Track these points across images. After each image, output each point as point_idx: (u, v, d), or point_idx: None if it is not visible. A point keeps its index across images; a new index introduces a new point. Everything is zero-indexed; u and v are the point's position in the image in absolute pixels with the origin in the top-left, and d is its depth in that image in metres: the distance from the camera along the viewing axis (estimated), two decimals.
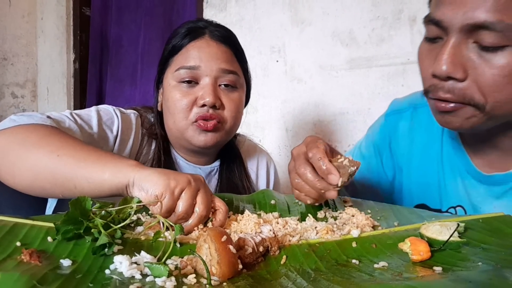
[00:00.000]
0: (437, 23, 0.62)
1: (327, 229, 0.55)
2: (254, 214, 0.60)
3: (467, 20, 0.58)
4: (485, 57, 0.59)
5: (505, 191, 0.72)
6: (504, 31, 0.57)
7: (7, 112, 2.61)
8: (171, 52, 0.88)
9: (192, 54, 0.85)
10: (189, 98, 0.84)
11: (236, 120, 0.89)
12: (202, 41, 0.86)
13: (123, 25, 2.41)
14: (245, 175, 0.99)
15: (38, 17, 2.61)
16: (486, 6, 0.57)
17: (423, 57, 0.66)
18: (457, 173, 0.77)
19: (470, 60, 0.60)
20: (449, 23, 0.60)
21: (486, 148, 0.73)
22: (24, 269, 0.39)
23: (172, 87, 0.86)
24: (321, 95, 1.72)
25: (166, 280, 0.41)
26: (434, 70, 0.61)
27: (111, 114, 0.86)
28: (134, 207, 0.52)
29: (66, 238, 0.48)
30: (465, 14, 0.58)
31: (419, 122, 0.84)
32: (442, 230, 0.51)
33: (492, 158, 0.73)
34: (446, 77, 0.61)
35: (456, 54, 0.60)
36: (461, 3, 0.59)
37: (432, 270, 0.45)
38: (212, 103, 0.82)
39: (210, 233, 0.44)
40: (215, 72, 0.84)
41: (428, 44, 0.65)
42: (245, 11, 1.90)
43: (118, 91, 2.43)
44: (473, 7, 0.58)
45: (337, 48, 1.67)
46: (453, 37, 0.60)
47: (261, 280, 0.43)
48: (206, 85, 0.84)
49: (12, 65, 2.60)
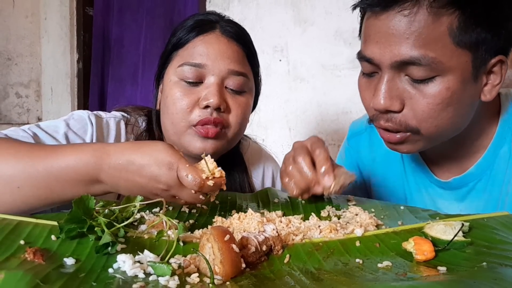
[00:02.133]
0: (368, 60, 0.67)
1: (331, 228, 0.54)
2: (257, 213, 0.60)
3: (395, 57, 0.63)
4: (418, 87, 0.64)
5: (466, 192, 0.76)
6: (429, 64, 0.62)
7: (11, 112, 2.62)
8: (175, 45, 0.79)
9: (199, 50, 0.76)
10: (191, 97, 0.75)
11: (241, 126, 0.80)
12: (212, 36, 0.77)
13: (124, 25, 2.41)
14: (249, 186, 0.90)
15: (42, 17, 2.62)
16: (409, 43, 0.62)
17: (363, 90, 0.72)
18: (421, 184, 0.82)
19: (406, 91, 0.65)
20: (379, 61, 0.66)
21: (441, 158, 0.78)
22: (27, 267, 0.40)
23: (173, 84, 0.77)
24: (323, 94, 1.72)
25: (169, 279, 0.41)
26: (373, 105, 0.67)
27: (85, 121, 0.77)
28: (137, 205, 0.52)
29: (70, 236, 0.48)
30: (392, 52, 0.63)
31: (377, 142, 0.86)
32: (447, 230, 0.50)
33: (449, 166, 0.78)
34: (385, 111, 0.67)
35: (391, 88, 0.65)
36: (386, 42, 0.64)
37: (436, 270, 0.44)
38: (217, 105, 0.74)
39: (213, 232, 0.44)
40: (223, 72, 0.76)
41: (366, 78, 0.71)
42: (247, 10, 1.90)
43: (120, 91, 2.44)
44: (397, 45, 0.63)
45: (340, 47, 1.67)
46: (386, 73, 0.66)
47: (264, 279, 0.43)
48: (211, 84, 0.75)
49: (16, 65, 2.61)
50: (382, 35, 0.64)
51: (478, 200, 0.75)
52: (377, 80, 0.67)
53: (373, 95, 0.67)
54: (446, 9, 0.61)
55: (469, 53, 0.63)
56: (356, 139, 0.94)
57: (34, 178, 0.56)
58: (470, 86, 0.65)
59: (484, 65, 0.65)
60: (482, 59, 0.64)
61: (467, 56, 0.63)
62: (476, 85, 0.66)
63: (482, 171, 0.75)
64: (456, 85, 0.63)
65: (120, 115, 0.85)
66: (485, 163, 0.74)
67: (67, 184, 0.57)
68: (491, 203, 0.74)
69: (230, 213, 0.64)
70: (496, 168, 0.73)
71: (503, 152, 0.73)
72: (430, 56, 0.61)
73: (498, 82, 0.67)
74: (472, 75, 0.64)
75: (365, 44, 0.68)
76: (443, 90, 0.63)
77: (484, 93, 0.67)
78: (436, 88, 0.63)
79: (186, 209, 0.64)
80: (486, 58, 0.64)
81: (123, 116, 0.85)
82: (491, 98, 0.67)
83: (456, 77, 0.63)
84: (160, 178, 0.55)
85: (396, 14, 0.62)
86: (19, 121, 2.63)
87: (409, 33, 0.62)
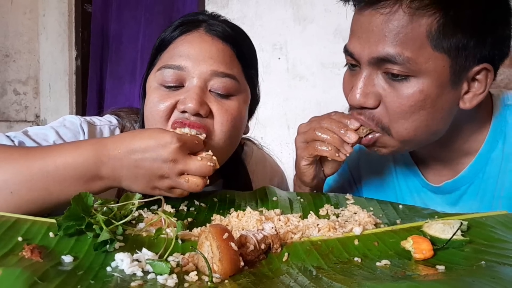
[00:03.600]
0: (350, 54, 0.69)
1: (329, 227, 0.54)
2: (256, 211, 0.59)
3: (372, 53, 0.64)
4: (393, 85, 0.65)
5: (458, 197, 0.76)
6: (405, 63, 0.62)
7: (10, 109, 2.61)
8: (158, 48, 0.73)
9: (180, 51, 0.69)
10: (168, 101, 0.67)
11: (229, 136, 0.69)
12: (194, 35, 0.70)
13: (123, 22, 2.41)
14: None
15: (40, 14, 2.61)
16: (387, 41, 0.63)
17: (345, 82, 0.73)
18: (413, 188, 0.82)
19: (381, 88, 0.66)
20: (358, 56, 0.67)
21: (432, 162, 0.78)
22: (25, 265, 0.39)
23: (153, 90, 0.70)
24: (323, 92, 1.72)
25: (168, 278, 0.40)
26: (349, 101, 0.69)
27: (76, 129, 0.73)
28: (136, 203, 0.52)
29: (68, 234, 0.48)
30: (370, 48, 0.64)
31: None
32: (445, 229, 0.51)
33: (440, 169, 0.77)
34: (360, 107, 0.67)
35: (368, 84, 0.66)
36: (366, 37, 0.65)
37: (435, 268, 0.44)
38: (195, 110, 0.65)
39: (212, 230, 0.44)
40: (205, 74, 0.68)
41: (349, 71, 0.72)
42: (247, 8, 1.90)
43: (118, 88, 2.43)
44: (375, 42, 0.64)
45: (339, 45, 1.65)
46: (364, 68, 0.67)
47: (263, 277, 0.43)
48: (192, 87, 0.67)
49: (14, 62, 2.60)
50: (364, 31, 0.65)
51: (470, 204, 0.75)
52: (357, 75, 0.68)
53: (350, 91, 0.68)
54: (427, 10, 0.61)
55: (447, 57, 0.62)
56: None
57: (29, 181, 0.55)
58: (448, 92, 0.64)
59: (465, 72, 0.64)
60: (462, 65, 0.63)
61: (445, 61, 0.62)
62: (455, 91, 0.65)
63: (474, 175, 0.74)
64: (430, 89, 0.63)
65: (116, 121, 0.80)
66: (477, 167, 0.73)
67: (66, 183, 0.56)
68: (483, 207, 0.73)
69: (228, 211, 0.64)
70: (488, 172, 0.72)
71: (495, 156, 0.72)
72: (406, 56, 0.62)
73: (481, 91, 0.65)
74: (450, 81, 0.63)
75: (349, 39, 0.70)
76: (416, 92, 0.63)
77: (464, 100, 0.66)
78: (410, 90, 0.63)
79: (184, 208, 0.64)
80: (468, 65, 0.63)
81: (118, 121, 0.80)
82: (471, 106, 0.66)
83: (432, 81, 0.63)
84: (165, 154, 0.56)
85: (376, 11, 0.63)
86: (17, 118, 2.63)
87: (387, 31, 0.62)
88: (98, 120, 0.78)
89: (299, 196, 0.71)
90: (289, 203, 0.69)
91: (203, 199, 0.68)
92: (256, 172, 0.89)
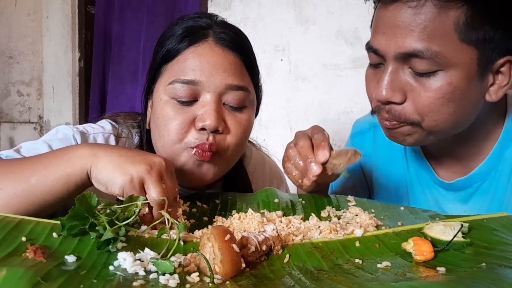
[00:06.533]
0: (375, 51, 0.68)
1: (331, 229, 0.55)
2: (257, 213, 0.60)
3: (399, 49, 0.63)
4: (420, 81, 0.64)
5: (470, 194, 0.76)
6: (433, 57, 0.61)
7: (13, 110, 2.63)
8: (164, 57, 0.71)
9: (191, 64, 0.68)
10: (184, 116, 0.67)
11: (240, 147, 0.72)
12: (205, 47, 0.69)
13: (125, 23, 2.41)
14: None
15: (44, 16, 2.62)
16: (414, 36, 0.62)
17: (368, 81, 0.72)
18: (424, 185, 0.81)
19: (408, 84, 0.65)
20: (384, 52, 0.66)
21: (445, 158, 0.78)
22: (29, 265, 0.40)
23: (164, 103, 0.69)
24: (325, 94, 1.72)
25: (170, 278, 0.41)
26: (376, 96, 0.67)
27: (69, 141, 0.72)
28: (139, 205, 0.52)
29: (71, 234, 0.48)
30: (396, 43, 0.63)
31: (381, 141, 0.86)
32: (446, 230, 0.51)
33: (453, 166, 0.77)
34: (386, 102, 0.66)
35: (394, 80, 0.65)
36: (392, 33, 0.64)
37: (436, 270, 0.45)
38: (215, 127, 0.66)
39: (214, 231, 0.45)
40: (220, 88, 0.68)
41: (372, 69, 0.71)
42: (249, 9, 1.90)
43: (120, 89, 2.44)
44: (402, 37, 0.63)
45: (342, 47, 1.67)
46: (390, 64, 0.66)
47: (264, 279, 0.43)
48: (208, 103, 0.67)
49: (18, 63, 2.61)
50: (389, 26, 0.64)
51: (482, 202, 0.75)
52: (382, 71, 0.67)
53: (376, 86, 0.67)
54: (455, 3, 0.60)
55: (475, 50, 0.62)
56: (359, 138, 0.94)
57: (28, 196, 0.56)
58: (475, 84, 0.64)
59: (491, 64, 0.64)
60: (489, 57, 0.63)
61: (473, 53, 0.62)
62: (482, 83, 0.65)
63: (487, 173, 0.74)
64: (459, 81, 0.63)
65: (111, 127, 0.79)
66: (489, 165, 0.74)
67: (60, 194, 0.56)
68: (494, 205, 0.73)
69: (230, 213, 0.65)
70: (501, 170, 0.73)
71: (508, 154, 0.72)
72: (434, 50, 0.61)
73: (505, 83, 0.66)
74: (477, 73, 0.64)
75: (373, 35, 0.68)
76: (444, 85, 0.63)
77: (489, 93, 0.66)
78: (438, 83, 0.63)
79: (186, 209, 0.64)
80: (493, 57, 0.63)
81: (114, 127, 0.79)
82: (497, 98, 0.66)
83: (460, 73, 0.62)
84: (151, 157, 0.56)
85: (403, 6, 0.62)
86: (21, 119, 2.64)
87: (415, 25, 0.62)
88: (91, 128, 0.78)
89: (300, 198, 0.71)
90: (291, 205, 0.69)
91: (205, 200, 0.69)
92: (255, 174, 0.88)
